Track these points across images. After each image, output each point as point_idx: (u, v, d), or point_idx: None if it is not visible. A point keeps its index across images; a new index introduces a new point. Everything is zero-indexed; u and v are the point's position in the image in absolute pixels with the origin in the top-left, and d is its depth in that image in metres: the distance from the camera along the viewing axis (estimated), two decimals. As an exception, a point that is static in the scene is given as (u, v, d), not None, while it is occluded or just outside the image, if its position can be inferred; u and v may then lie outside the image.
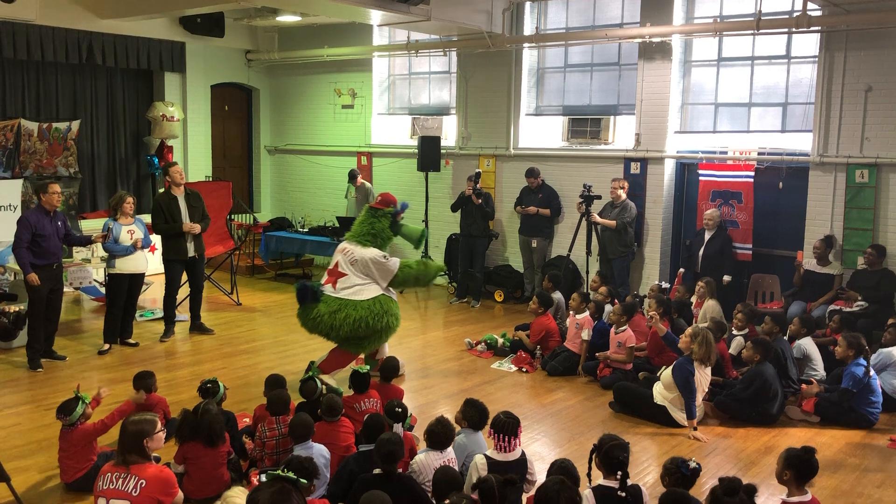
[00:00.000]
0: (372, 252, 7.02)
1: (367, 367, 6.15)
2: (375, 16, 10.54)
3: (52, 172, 11.50)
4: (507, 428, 4.64)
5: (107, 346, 8.34)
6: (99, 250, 9.72)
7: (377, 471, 4.46)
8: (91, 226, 11.07)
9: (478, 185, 10.66)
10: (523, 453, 4.74)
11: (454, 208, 10.97)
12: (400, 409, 5.20)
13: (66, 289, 9.21)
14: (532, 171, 10.87)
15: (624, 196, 9.98)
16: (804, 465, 4.27)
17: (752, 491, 3.93)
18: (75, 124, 11.84)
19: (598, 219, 9.91)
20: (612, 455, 4.25)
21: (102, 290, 9.55)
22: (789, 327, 7.61)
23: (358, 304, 6.79)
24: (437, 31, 11.41)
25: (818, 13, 8.82)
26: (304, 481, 3.41)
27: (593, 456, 4.37)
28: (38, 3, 10.70)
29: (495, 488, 3.90)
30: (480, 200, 10.61)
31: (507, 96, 11.44)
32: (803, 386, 6.93)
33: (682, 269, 9.58)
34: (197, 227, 8.69)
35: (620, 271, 10.04)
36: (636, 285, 10.25)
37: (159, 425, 4.20)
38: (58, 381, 7.41)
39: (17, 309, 4.40)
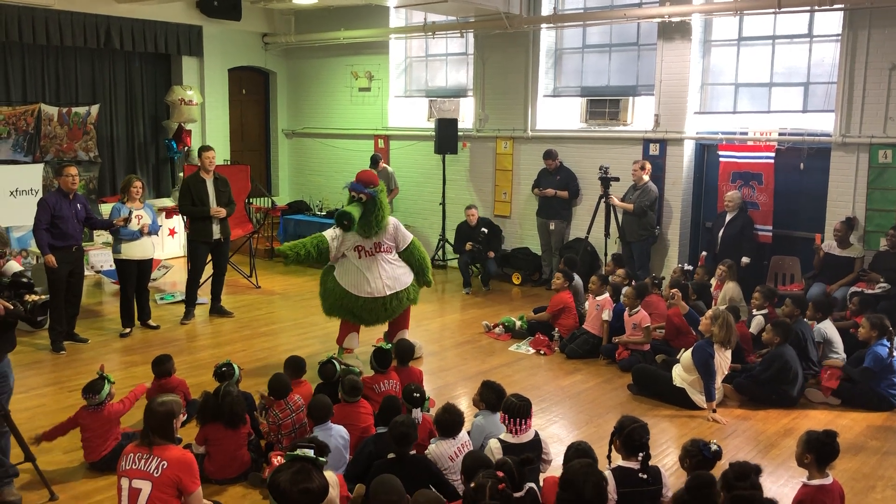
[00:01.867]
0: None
1: (390, 344, 6.18)
2: (392, -3, 10.50)
3: (72, 157, 11.60)
4: (520, 411, 4.65)
5: (127, 330, 8.43)
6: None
7: (391, 455, 4.48)
8: (109, 210, 11.15)
9: (479, 241, 10.74)
10: (537, 434, 4.75)
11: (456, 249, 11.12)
12: (418, 395, 5.21)
13: (87, 272, 9.31)
14: (550, 153, 10.81)
15: (646, 178, 9.90)
16: (825, 448, 4.24)
17: (755, 471, 3.92)
18: (94, 109, 11.93)
19: (615, 201, 9.86)
20: (634, 437, 4.25)
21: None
22: (805, 311, 7.53)
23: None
24: (454, 13, 11.34)
25: (841, -10, 8.68)
26: (324, 459, 3.43)
27: (614, 438, 4.37)
28: (57, -13, 10.75)
29: (514, 469, 3.92)
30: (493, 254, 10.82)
31: (524, 78, 11.36)
32: (823, 374, 6.87)
33: (704, 253, 9.52)
34: (223, 212, 8.78)
35: (640, 255, 9.98)
36: (657, 268, 10.18)
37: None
38: (80, 363, 7.51)
39: (34, 298, 4.43)
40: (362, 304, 7.03)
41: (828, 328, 7.29)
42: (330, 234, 7.14)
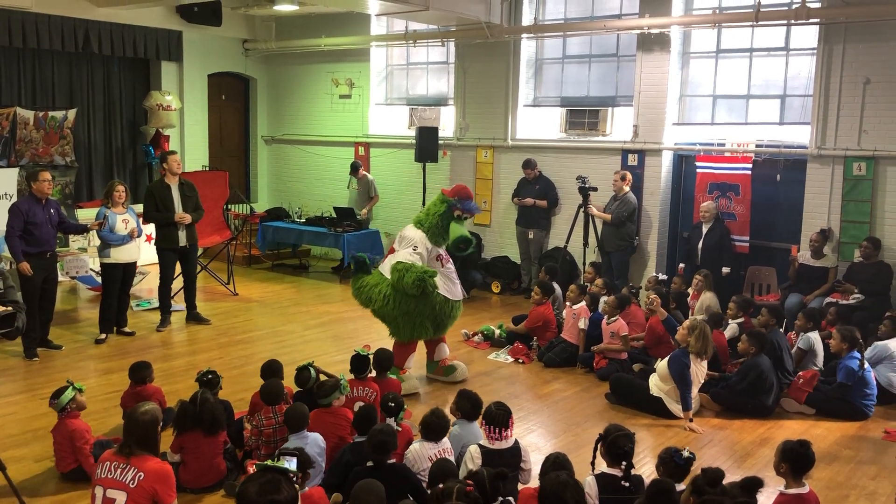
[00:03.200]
0: (407, 233, 7.03)
1: (370, 352, 6.11)
2: (373, 5, 10.50)
3: (49, 161, 11.46)
4: (499, 419, 4.67)
5: (103, 336, 8.34)
6: (95, 239, 9.70)
7: (369, 463, 4.47)
8: (87, 215, 11.03)
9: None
10: (516, 442, 4.76)
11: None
12: (393, 404, 5.19)
13: (61, 278, 9.20)
14: (529, 162, 10.85)
15: (626, 189, 9.96)
16: (799, 458, 4.30)
17: (755, 485, 3.95)
18: (71, 113, 11.80)
19: (594, 211, 9.91)
20: (617, 445, 4.29)
21: (99, 279, 9.54)
22: (795, 322, 7.60)
23: (382, 275, 6.99)
24: (435, 21, 11.36)
25: (817, 5, 8.81)
26: (293, 470, 3.39)
27: (598, 445, 4.40)
28: (34, -10, 10.64)
29: (486, 480, 3.92)
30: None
31: (505, 87, 11.40)
32: (797, 381, 6.93)
33: (682, 265, 9.59)
34: (188, 218, 8.67)
35: (619, 265, 10.03)
36: (635, 278, 10.23)
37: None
38: (53, 370, 7.40)
39: (1, 309, 4.32)
40: (454, 309, 7.05)
41: (815, 339, 7.34)
42: (414, 258, 6.83)
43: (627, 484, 4.21)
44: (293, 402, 5.36)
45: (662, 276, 9.04)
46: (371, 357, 6.09)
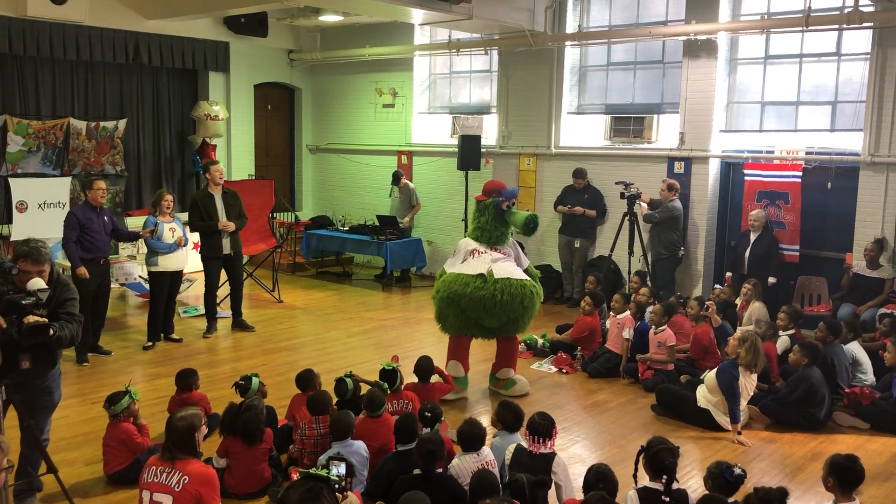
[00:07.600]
0: (460, 242, 7.14)
1: (395, 365, 6.03)
2: (417, 15, 10.54)
3: (100, 170, 11.74)
4: (542, 430, 4.66)
5: (150, 343, 8.48)
6: (143, 247, 9.88)
7: (417, 471, 4.46)
8: (137, 223, 11.24)
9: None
10: (553, 453, 4.70)
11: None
12: (430, 414, 5.13)
13: (112, 284, 9.40)
14: (580, 171, 10.75)
15: (672, 197, 9.79)
16: (846, 472, 4.17)
17: (782, 495, 3.86)
18: (122, 123, 12.06)
19: (639, 208, 9.79)
20: (658, 458, 4.20)
21: (147, 286, 9.71)
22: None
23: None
24: (478, 30, 11.37)
25: (871, 9, 8.59)
26: (336, 477, 3.39)
27: (640, 457, 4.32)
28: (88, 4, 10.88)
29: (526, 487, 3.90)
30: None
31: (548, 95, 11.35)
32: (847, 390, 6.74)
33: (729, 273, 9.42)
34: (231, 226, 8.79)
35: (662, 274, 9.86)
36: (682, 287, 10.06)
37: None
38: (103, 375, 7.55)
39: (32, 320, 4.29)
40: (472, 291, 6.62)
41: (855, 349, 7.17)
42: (448, 263, 7.12)
43: (668, 499, 4.12)
44: (338, 411, 5.36)
45: (682, 299, 8.73)
46: (399, 369, 5.98)
